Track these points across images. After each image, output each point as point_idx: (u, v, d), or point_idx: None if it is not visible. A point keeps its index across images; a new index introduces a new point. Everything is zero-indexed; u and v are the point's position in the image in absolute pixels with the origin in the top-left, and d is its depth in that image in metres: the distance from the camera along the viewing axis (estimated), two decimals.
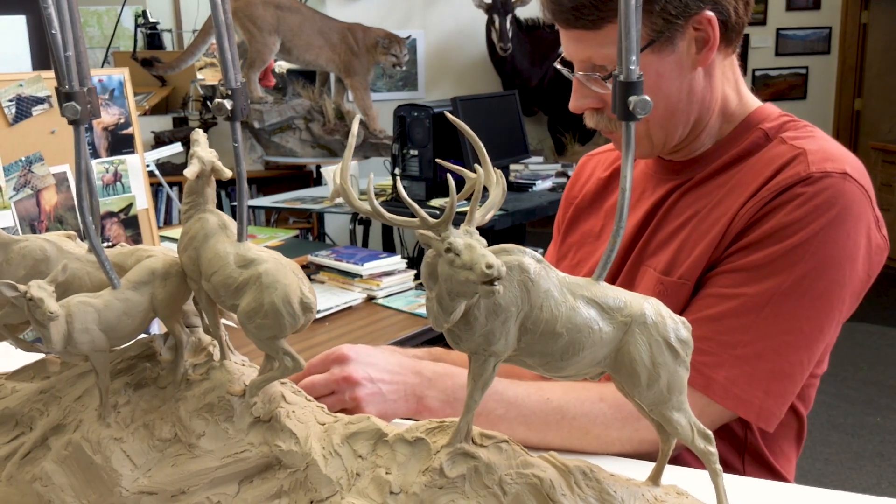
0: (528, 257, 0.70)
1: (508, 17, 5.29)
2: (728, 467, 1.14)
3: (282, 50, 4.98)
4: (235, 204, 4.92)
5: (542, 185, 3.85)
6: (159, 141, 5.40)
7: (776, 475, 1.24)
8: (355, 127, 0.70)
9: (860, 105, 6.73)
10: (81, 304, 0.81)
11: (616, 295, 0.72)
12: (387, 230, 4.11)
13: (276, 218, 4.83)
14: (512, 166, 4.05)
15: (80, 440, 0.85)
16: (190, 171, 0.82)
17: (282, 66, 5.72)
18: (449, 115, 0.74)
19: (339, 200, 3.73)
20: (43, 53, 5.56)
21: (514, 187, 3.78)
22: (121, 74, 2.49)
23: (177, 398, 0.86)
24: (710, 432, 0.74)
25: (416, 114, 3.43)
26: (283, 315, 0.77)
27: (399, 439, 0.79)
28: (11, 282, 0.77)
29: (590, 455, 1.09)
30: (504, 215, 3.37)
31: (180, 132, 5.67)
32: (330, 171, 3.77)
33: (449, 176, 0.63)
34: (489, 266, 0.61)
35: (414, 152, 3.43)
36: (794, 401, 1.22)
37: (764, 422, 1.11)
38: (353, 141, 0.68)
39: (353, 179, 3.81)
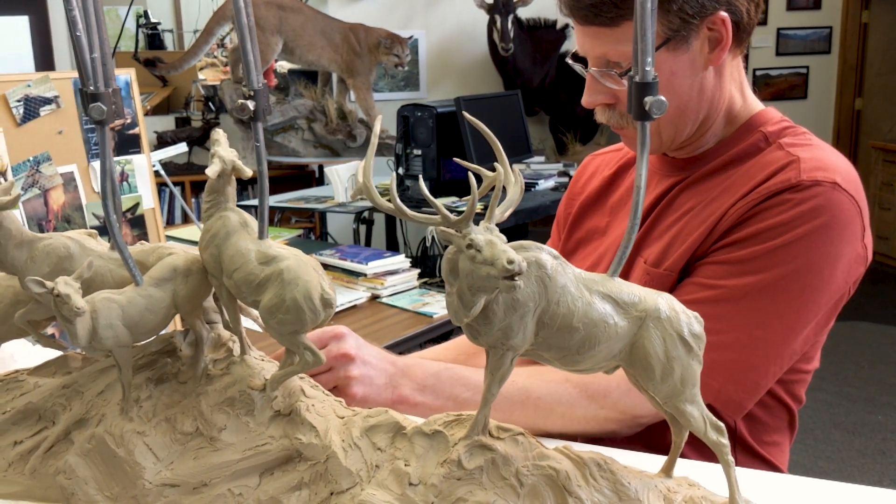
0: (544, 253, 0.72)
1: (510, 18, 5.31)
2: None
3: (284, 50, 5.00)
4: (248, 203, 4.96)
5: (544, 185, 3.87)
6: (162, 141, 5.42)
7: (768, 464, 1.27)
8: (377, 127, 0.71)
9: (861, 105, 6.75)
10: (106, 300, 0.83)
11: (630, 290, 0.74)
12: (390, 229, 4.12)
13: (279, 217, 4.84)
14: (514, 166, 4.06)
15: (104, 434, 0.87)
16: (212, 171, 0.84)
17: (283, 66, 5.73)
18: (468, 116, 0.76)
19: (343, 200, 3.75)
20: (46, 53, 5.58)
21: None
22: (127, 75, 2.50)
23: (198, 393, 0.88)
24: (721, 425, 0.76)
25: (419, 114, 3.45)
26: (305, 311, 0.78)
27: (417, 432, 0.81)
28: (39, 278, 0.78)
29: (556, 436, 1.13)
30: None
31: (183, 132, 5.68)
32: (334, 171, 3.78)
33: (471, 175, 0.64)
34: (510, 261, 0.63)
35: (417, 152, 3.45)
36: (785, 397, 1.26)
37: (721, 404, 1.14)
38: (375, 140, 0.70)
39: (354, 179, 3.82)
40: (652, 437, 1.19)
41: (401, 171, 3.51)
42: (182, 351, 0.92)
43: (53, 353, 0.99)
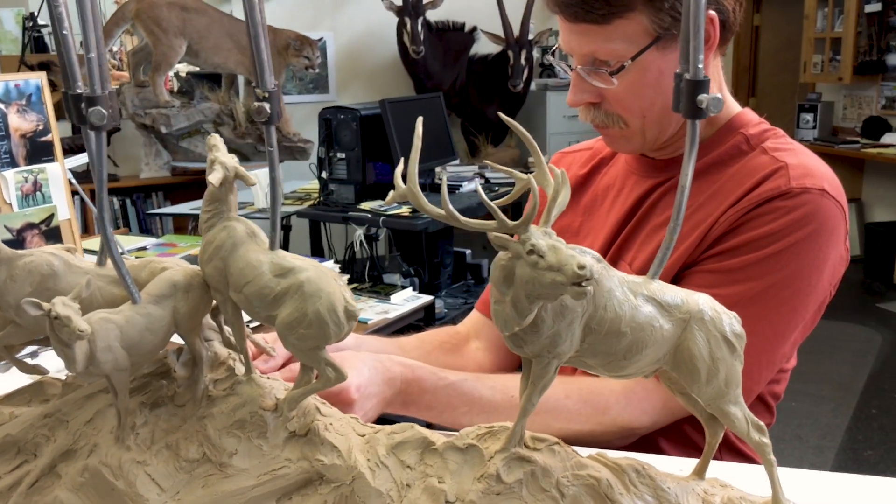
0: (589, 257, 0.69)
1: (419, 20, 5.29)
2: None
3: (189, 53, 4.85)
4: (151, 211, 4.77)
5: (468, 187, 3.86)
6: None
7: (747, 459, 1.29)
8: (419, 128, 0.68)
9: (754, 104, 6.99)
10: (103, 320, 0.76)
11: (673, 292, 0.72)
12: (315, 235, 4.03)
13: (193, 225, 4.68)
14: (435, 169, 4.05)
15: (99, 465, 0.80)
16: (214, 178, 0.79)
17: (180, 69, 5.56)
18: (503, 116, 0.73)
19: (263, 205, 3.65)
20: None
21: (440, 189, 3.77)
22: (38, 79, 2.40)
23: (200, 416, 0.82)
24: (763, 424, 0.75)
25: (342, 116, 3.38)
26: (329, 324, 0.74)
27: (449, 447, 0.77)
28: (35, 300, 0.71)
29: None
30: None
31: (80, 138, 5.44)
32: (254, 176, 3.67)
33: (532, 180, 0.62)
34: (581, 267, 0.60)
35: (341, 155, 3.39)
36: (767, 396, 1.28)
37: None
38: (417, 143, 0.66)
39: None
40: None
41: (325, 174, 3.43)
42: (176, 372, 0.86)
43: (15, 383, 0.90)
